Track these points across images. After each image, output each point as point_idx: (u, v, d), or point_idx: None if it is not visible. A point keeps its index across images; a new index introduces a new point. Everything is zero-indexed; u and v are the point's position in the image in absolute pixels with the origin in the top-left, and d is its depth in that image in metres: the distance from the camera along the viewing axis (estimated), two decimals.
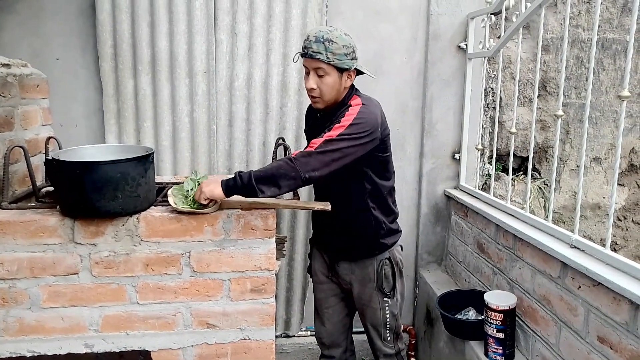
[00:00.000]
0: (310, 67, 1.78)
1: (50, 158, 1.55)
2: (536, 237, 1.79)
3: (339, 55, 1.75)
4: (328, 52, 1.73)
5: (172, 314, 1.65)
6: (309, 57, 1.76)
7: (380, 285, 2.01)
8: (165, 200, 1.70)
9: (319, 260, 2.14)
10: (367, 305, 2.05)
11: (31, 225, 1.54)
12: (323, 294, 2.16)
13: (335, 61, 1.74)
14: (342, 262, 2.05)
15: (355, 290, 2.05)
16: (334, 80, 1.78)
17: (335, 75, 1.78)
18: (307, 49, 1.75)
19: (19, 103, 1.86)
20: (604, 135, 3.09)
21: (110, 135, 2.42)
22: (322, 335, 2.20)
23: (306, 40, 1.77)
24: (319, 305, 2.18)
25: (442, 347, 2.41)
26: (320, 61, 1.74)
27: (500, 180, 2.95)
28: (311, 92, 1.81)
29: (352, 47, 1.79)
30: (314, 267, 2.17)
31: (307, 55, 1.75)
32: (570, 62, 2.96)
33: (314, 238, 2.18)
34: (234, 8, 2.34)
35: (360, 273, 2.02)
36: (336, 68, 1.76)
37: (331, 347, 2.20)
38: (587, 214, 3.18)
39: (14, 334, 1.60)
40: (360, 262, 2.01)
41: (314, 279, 2.18)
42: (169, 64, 2.35)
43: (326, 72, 1.76)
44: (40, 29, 2.34)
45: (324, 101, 1.83)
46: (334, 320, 2.17)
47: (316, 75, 1.78)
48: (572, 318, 1.61)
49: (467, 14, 2.54)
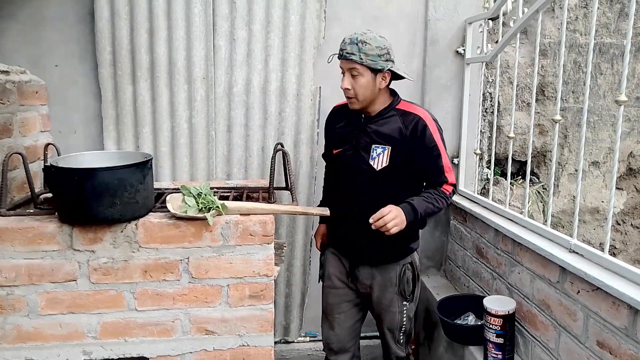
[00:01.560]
0: (345, 68, 1.87)
1: (48, 164, 1.55)
2: (535, 242, 1.79)
3: (372, 56, 1.81)
4: (361, 53, 1.80)
5: (170, 321, 1.65)
6: (344, 58, 1.84)
7: (402, 290, 2.06)
8: (164, 206, 1.70)
9: (336, 265, 2.14)
10: (386, 309, 2.08)
11: (29, 232, 1.54)
12: (336, 299, 2.15)
13: (369, 62, 1.81)
14: (362, 266, 2.06)
15: (374, 295, 2.08)
16: (368, 81, 1.85)
17: (369, 76, 1.85)
18: (342, 51, 1.84)
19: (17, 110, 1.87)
20: (602, 139, 3.10)
21: (109, 142, 2.42)
22: (331, 341, 2.19)
23: (342, 42, 1.85)
24: (330, 310, 2.17)
25: (441, 352, 2.40)
26: (354, 62, 1.82)
27: (499, 185, 2.95)
28: (346, 92, 1.89)
29: (386, 49, 1.85)
30: (328, 272, 2.16)
31: (342, 56, 1.85)
32: (568, 66, 2.97)
33: (334, 242, 2.16)
34: (233, 14, 2.35)
35: (382, 278, 2.05)
36: (370, 69, 1.83)
37: (339, 353, 2.19)
38: (586, 218, 3.18)
39: (11, 342, 1.60)
40: (382, 267, 2.04)
41: (327, 283, 2.17)
42: (168, 70, 2.36)
43: (360, 73, 1.83)
44: (39, 36, 2.35)
45: (359, 101, 1.90)
46: (345, 325, 2.17)
47: (350, 75, 1.85)
48: (571, 323, 1.61)
49: (464, 19, 2.55)
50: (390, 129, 1.92)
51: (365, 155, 1.95)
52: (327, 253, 2.20)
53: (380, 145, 1.93)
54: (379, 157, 1.93)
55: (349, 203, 2.01)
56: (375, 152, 1.93)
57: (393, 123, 1.93)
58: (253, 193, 2.06)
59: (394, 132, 1.92)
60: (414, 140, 1.90)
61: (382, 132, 1.93)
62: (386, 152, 1.92)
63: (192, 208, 1.58)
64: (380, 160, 1.93)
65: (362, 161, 1.95)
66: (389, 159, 1.92)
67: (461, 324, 2.13)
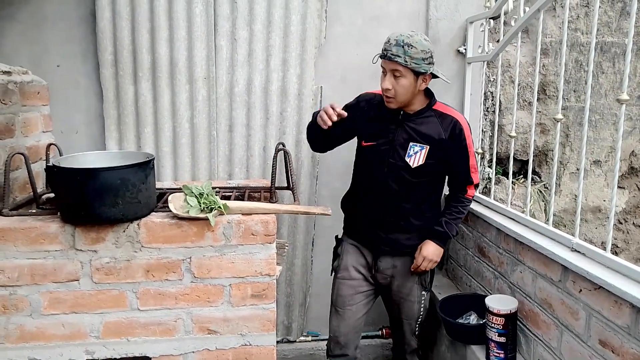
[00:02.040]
0: (388, 69, 1.89)
1: (51, 165, 1.55)
2: (537, 241, 1.79)
3: (416, 60, 1.85)
4: (406, 55, 1.84)
5: (172, 320, 1.65)
6: (388, 59, 1.87)
7: (423, 279, 2.15)
8: (165, 206, 1.70)
9: (355, 256, 2.18)
10: (405, 298, 2.16)
11: (32, 232, 1.54)
12: (350, 291, 2.19)
13: (413, 65, 1.85)
14: (384, 257, 2.13)
15: (395, 284, 2.15)
16: (410, 83, 1.89)
17: (411, 78, 1.89)
18: (386, 51, 1.87)
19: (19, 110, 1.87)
20: (603, 138, 3.09)
21: (110, 142, 2.42)
22: (339, 334, 2.21)
23: (387, 42, 1.88)
24: (341, 302, 2.20)
25: (443, 351, 2.40)
26: (398, 64, 1.85)
27: (501, 184, 2.95)
28: (386, 92, 1.92)
29: (430, 52, 1.89)
30: (345, 263, 2.19)
31: (387, 57, 1.87)
32: (570, 65, 2.97)
33: (355, 234, 2.20)
34: (234, 14, 2.35)
35: (403, 267, 2.12)
36: (413, 71, 1.87)
37: (345, 346, 2.23)
38: (588, 217, 3.17)
39: (14, 341, 1.60)
40: (404, 257, 2.11)
41: (343, 274, 2.19)
42: (169, 70, 2.36)
43: (402, 75, 1.87)
44: (41, 37, 2.35)
45: (397, 102, 1.94)
46: (354, 318, 2.21)
47: (392, 76, 1.88)
48: (573, 322, 1.61)
49: (466, 18, 2.55)
50: (429, 129, 1.99)
51: (401, 151, 2.00)
52: (345, 244, 2.23)
53: (418, 143, 1.99)
54: (416, 155, 1.99)
55: (376, 196, 2.07)
56: (412, 150, 1.99)
57: (431, 123, 2.00)
58: (255, 193, 2.06)
59: (432, 133, 1.99)
60: (451, 143, 1.99)
61: (421, 131, 1.99)
62: (424, 151, 1.99)
63: (194, 208, 1.58)
64: (417, 159, 1.99)
65: (397, 157, 2.01)
66: (426, 158, 1.99)
67: (463, 323, 2.13)
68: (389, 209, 2.05)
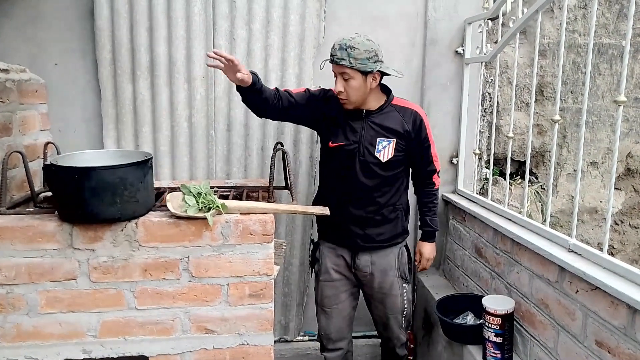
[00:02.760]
0: (337, 72, 1.97)
1: (48, 163, 1.55)
2: (534, 242, 1.80)
3: (361, 60, 1.92)
4: (351, 57, 1.90)
5: (170, 320, 1.65)
6: (335, 63, 1.95)
7: (402, 272, 2.20)
8: (163, 205, 1.70)
9: (332, 258, 2.22)
10: (387, 293, 2.20)
11: (29, 231, 1.54)
12: (334, 291, 2.23)
13: (358, 65, 1.92)
14: (361, 254, 2.17)
15: (375, 281, 2.18)
16: (359, 83, 1.96)
17: (360, 79, 1.95)
18: (333, 56, 1.95)
19: (17, 108, 1.86)
20: (600, 139, 3.10)
21: (108, 141, 2.42)
22: (330, 331, 2.27)
23: (332, 48, 1.95)
24: (327, 302, 2.24)
25: (440, 351, 2.40)
26: (344, 66, 1.92)
27: (498, 185, 2.95)
28: (339, 94, 1.99)
29: (374, 52, 1.95)
30: (325, 266, 2.22)
31: (333, 61, 1.95)
32: (567, 67, 2.98)
33: (330, 235, 2.23)
34: (233, 14, 2.35)
35: (382, 262, 2.17)
36: (359, 72, 1.93)
37: (337, 341, 2.29)
38: (585, 218, 3.18)
39: (11, 340, 1.59)
40: (381, 252, 2.17)
41: (324, 277, 2.23)
42: (168, 69, 2.36)
43: (351, 76, 1.94)
44: (39, 35, 2.35)
45: (351, 102, 2.01)
46: (343, 315, 2.26)
47: (342, 79, 1.96)
48: (570, 322, 1.61)
49: (464, 19, 2.56)
50: (392, 123, 2.07)
51: (370, 147, 2.06)
52: (322, 248, 2.25)
53: (385, 138, 2.06)
54: (384, 149, 2.06)
55: (349, 194, 2.11)
56: (381, 145, 2.06)
57: (393, 118, 2.08)
58: (253, 192, 2.06)
59: (396, 126, 2.07)
60: (414, 134, 2.08)
61: (386, 125, 2.06)
62: (391, 145, 2.06)
63: (192, 207, 1.58)
64: (386, 152, 2.06)
65: (367, 153, 2.06)
66: (394, 151, 2.07)
67: (460, 324, 2.13)
68: (363, 205, 2.11)
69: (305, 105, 2.10)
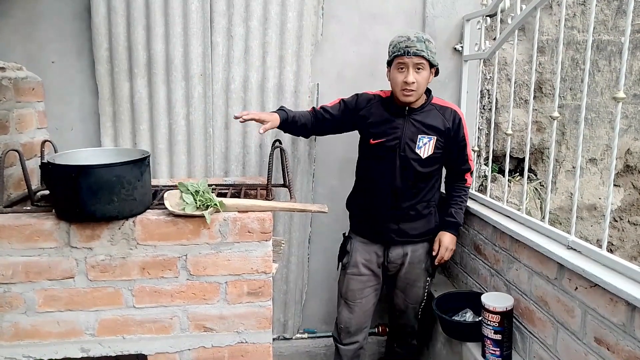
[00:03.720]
0: (411, 63, 2.02)
1: (45, 161, 1.54)
2: (533, 239, 1.80)
3: (433, 53, 2.06)
4: (428, 50, 2.02)
5: (168, 318, 1.64)
6: (414, 55, 2.00)
7: (429, 265, 2.28)
8: (161, 203, 1.69)
9: (363, 253, 2.28)
10: (412, 284, 2.30)
11: (26, 229, 1.54)
12: (360, 285, 2.30)
13: (432, 57, 2.04)
14: (394, 247, 2.25)
15: (403, 271, 2.28)
16: (427, 75, 2.08)
17: (428, 71, 2.07)
18: (409, 48, 2.00)
19: (14, 106, 1.86)
20: (599, 136, 3.10)
21: (106, 139, 2.41)
22: (350, 324, 2.33)
23: (407, 40, 2.01)
24: (352, 295, 2.31)
25: (439, 348, 2.40)
26: (423, 57, 2.01)
27: (497, 182, 2.95)
28: (410, 85, 2.03)
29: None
30: (354, 259, 2.29)
31: (411, 53, 2.00)
32: (566, 63, 2.97)
33: (364, 230, 2.30)
34: (230, 11, 2.34)
35: (413, 255, 2.26)
36: (430, 64, 2.05)
37: (355, 334, 2.35)
38: (583, 215, 3.18)
39: (9, 339, 1.59)
40: (413, 245, 2.25)
41: (352, 270, 2.30)
42: (165, 66, 2.35)
43: (424, 67, 2.03)
44: (36, 33, 2.33)
45: (417, 94, 2.08)
46: (365, 308, 2.33)
47: (415, 70, 2.03)
48: (569, 319, 1.61)
49: (462, 16, 2.55)
50: (433, 120, 2.15)
51: (411, 144, 2.13)
52: (354, 241, 2.31)
53: (426, 135, 2.13)
54: (425, 146, 2.13)
55: (387, 190, 2.17)
56: (422, 142, 2.13)
57: (434, 115, 2.16)
58: (251, 190, 2.06)
59: (438, 124, 2.14)
60: (452, 131, 2.16)
61: (427, 123, 2.14)
62: (432, 142, 2.14)
63: (190, 205, 1.57)
64: (427, 149, 2.13)
65: (408, 150, 2.13)
66: (434, 148, 2.14)
67: (459, 321, 2.13)
68: (399, 201, 2.17)
69: (342, 117, 2.23)
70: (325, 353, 2.79)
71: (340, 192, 2.50)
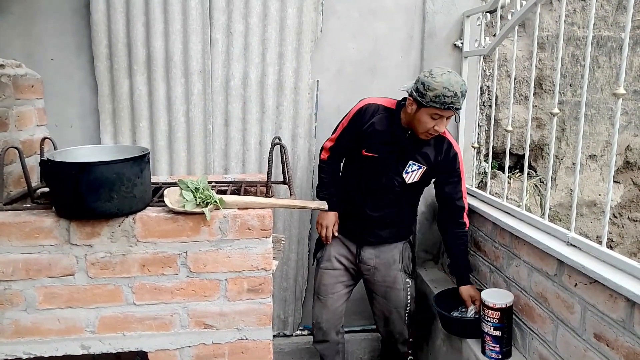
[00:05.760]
0: (446, 116, 1.94)
1: (45, 159, 1.54)
2: (532, 235, 1.80)
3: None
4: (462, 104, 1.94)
5: (168, 315, 1.64)
6: (455, 110, 1.91)
7: (406, 265, 2.27)
8: (161, 200, 1.69)
9: (338, 248, 2.29)
10: (391, 287, 2.27)
11: (26, 227, 1.53)
12: (332, 280, 2.30)
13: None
14: (366, 247, 2.25)
15: (379, 274, 2.26)
16: None
17: None
18: (453, 104, 1.89)
19: (13, 104, 1.85)
20: (599, 132, 3.10)
21: (105, 136, 2.41)
22: (321, 320, 2.33)
23: (453, 96, 1.87)
24: (324, 290, 2.31)
25: (439, 345, 2.41)
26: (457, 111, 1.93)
27: (497, 178, 2.95)
28: (435, 132, 1.98)
29: None
30: (329, 253, 2.29)
31: (455, 109, 1.90)
32: (566, 59, 2.97)
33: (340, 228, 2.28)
34: (230, 7, 2.34)
35: (385, 256, 2.25)
36: None
37: (327, 332, 2.34)
38: (583, 212, 3.18)
39: (9, 336, 1.59)
40: (385, 246, 2.25)
41: (325, 264, 2.30)
42: (165, 63, 2.34)
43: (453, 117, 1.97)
44: (35, 30, 2.33)
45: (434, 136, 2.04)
46: (335, 305, 2.32)
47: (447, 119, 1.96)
48: (568, 316, 1.61)
49: (462, 12, 2.54)
50: (428, 149, 2.11)
51: (400, 167, 2.12)
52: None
53: (417, 163, 2.11)
54: (413, 172, 2.12)
55: (366, 200, 2.18)
56: (410, 168, 2.12)
57: (430, 144, 2.11)
58: (251, 187, 2.06)
59: (431, 154, 2.11)
60: (444, 165, 2.12)
61: (422, 151, 2.11)
62: (420, 171, 2.12)
63: (189, 202, 1.57)
64: (413, 176, 2.13)
65: (395, 172, 2.12)
66: (421, 177, 2.13)
67: (458, 317, 2.13)
68: (377, 210, 2.19)
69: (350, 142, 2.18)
70: None
71: None
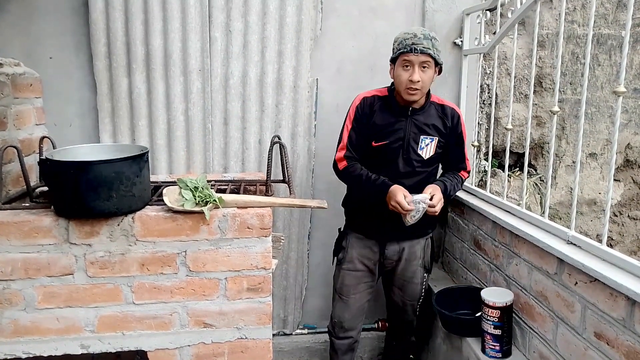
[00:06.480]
0: (417, 62, 1.95)
1: (44, 158, 1.53)
2: (532, 234, 1.79)
3: (438, 52, 1.98)
4: (434, 47, 1.95)
5: (168, 314, 1.64)
6: (420, 52, 1.93)
7: (426, 261, 2.28)
8: (160, 199, 1.69)
9: (359, 249, 2.26)
10: (409, 281, 2.28)
11: (25, 226, 1.53)
12: (354, 281, 2.29)
13: (437, 55, 1.97)
14: (390, 243, 2.23)
15: (399, 267, 2.26)
16: (432, 74, 2.00)
17: (433, 69, 2.00)
18: (416, 45, 1.93)
19: (12, 102, 1.85)
20: (599, 131, 3.09)
21: (104, 135, 2.40)
22: (344, 319, 2.33)
23: (413, 37, 1.94)
24: (346, 291, 2.30)
25: (439, 343, 2.41)
26: (429, 55, 1.93)
27: (497, 177, 2.95)
28: (415, 84, 1.97)
29: None
30: (350, 255, 2.27)
31: (418, 50, 1.93)
32: (566, 58, 2.96)
33: (361, 227, 2.25)
34: (229, 5, 2.33)
35: (409, 251, 2.24)
36: (435, 62, 1.98)
37: (349, 330, 2.35)
38: (583, 210, 3.18)
39: (8, 336, 1.59)
40: (409, 242, 2.24)
41: (347, 265, 2.28)
42: (164, 62, 2.34)
43: (429, 66, 1.97)
44: (33, 28, 2.32)
45: (422, 92, 2.02)
46: (358, 304, 2.32)
47: (421, 68, 1.96)
48: (569, 314, 1.61)
49: (462, 10, 2.54)
50: (435, 120, 2.12)
51: (414, 145, 2.10)
52: (350, 237, 2.29)
53: (428, 136, 2.11)
54: (427, 147, 2.11)
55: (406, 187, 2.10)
56: (424, 143, 2.11)
57: (434, 115, 2.12)
58: (250, 186, 2.05)
59: (439, 124, 2.12)
60: (452, 130, 2.14)
61: (429, 123, 2.10)
62: (434, 143, 2.12)
63: (189, 201, 1.57)
64: (429, 150, 2.12)
65: (411, 151, 2.10)
66: (435, 148, 2.12)
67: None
68: None
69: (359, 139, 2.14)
70: (325, 348, 2.79)
71: (339, 188, 2.49)
